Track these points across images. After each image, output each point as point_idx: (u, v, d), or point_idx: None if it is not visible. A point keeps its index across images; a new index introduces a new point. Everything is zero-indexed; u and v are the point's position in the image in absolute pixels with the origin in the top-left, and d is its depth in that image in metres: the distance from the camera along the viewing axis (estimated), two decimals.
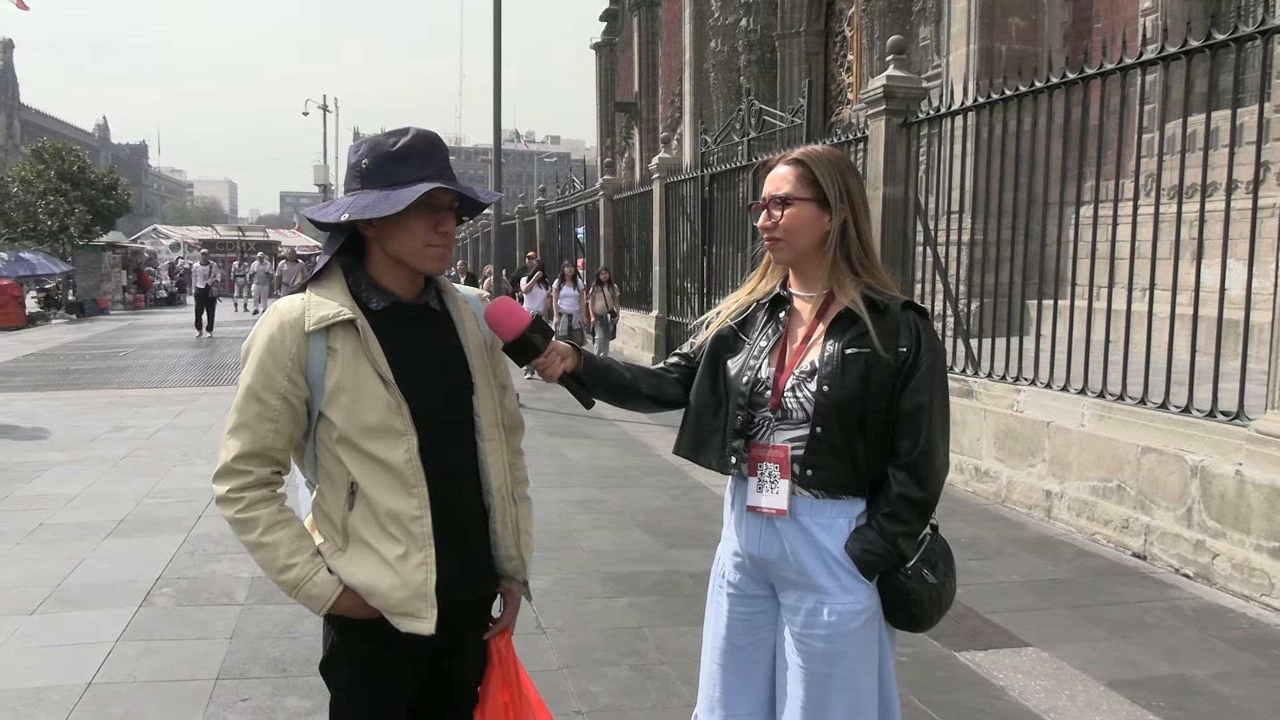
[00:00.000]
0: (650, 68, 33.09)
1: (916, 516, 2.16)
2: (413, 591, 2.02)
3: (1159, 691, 4.01)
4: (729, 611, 2.34)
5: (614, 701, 3.87)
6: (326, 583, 2.02)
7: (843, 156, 2.32)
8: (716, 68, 24.96)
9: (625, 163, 36.23)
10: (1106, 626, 4.75)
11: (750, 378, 2.26)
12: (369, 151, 2.05)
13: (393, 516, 2.02)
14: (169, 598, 5.01)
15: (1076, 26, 12.40)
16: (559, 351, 2.23)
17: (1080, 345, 6.59)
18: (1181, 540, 5.59)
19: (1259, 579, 5.08)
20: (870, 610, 2.18)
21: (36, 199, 32.16)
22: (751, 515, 2.26)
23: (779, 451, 2.20)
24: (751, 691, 2.33)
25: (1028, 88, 7.01)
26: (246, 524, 2.00)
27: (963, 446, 7.54)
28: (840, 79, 20.96)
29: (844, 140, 9.58)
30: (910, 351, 2.16)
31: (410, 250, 2.05)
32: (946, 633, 4.54)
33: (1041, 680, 4.12)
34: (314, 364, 2.00)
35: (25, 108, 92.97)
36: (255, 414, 2.00)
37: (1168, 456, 5.73)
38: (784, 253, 2.27)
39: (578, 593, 5.16)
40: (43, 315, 28.31)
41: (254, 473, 2.01)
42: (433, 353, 2.13)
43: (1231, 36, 5.49)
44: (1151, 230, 6.12)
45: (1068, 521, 6.49)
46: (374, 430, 2.00)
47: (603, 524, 6.54)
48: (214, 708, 3.78)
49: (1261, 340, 5.63)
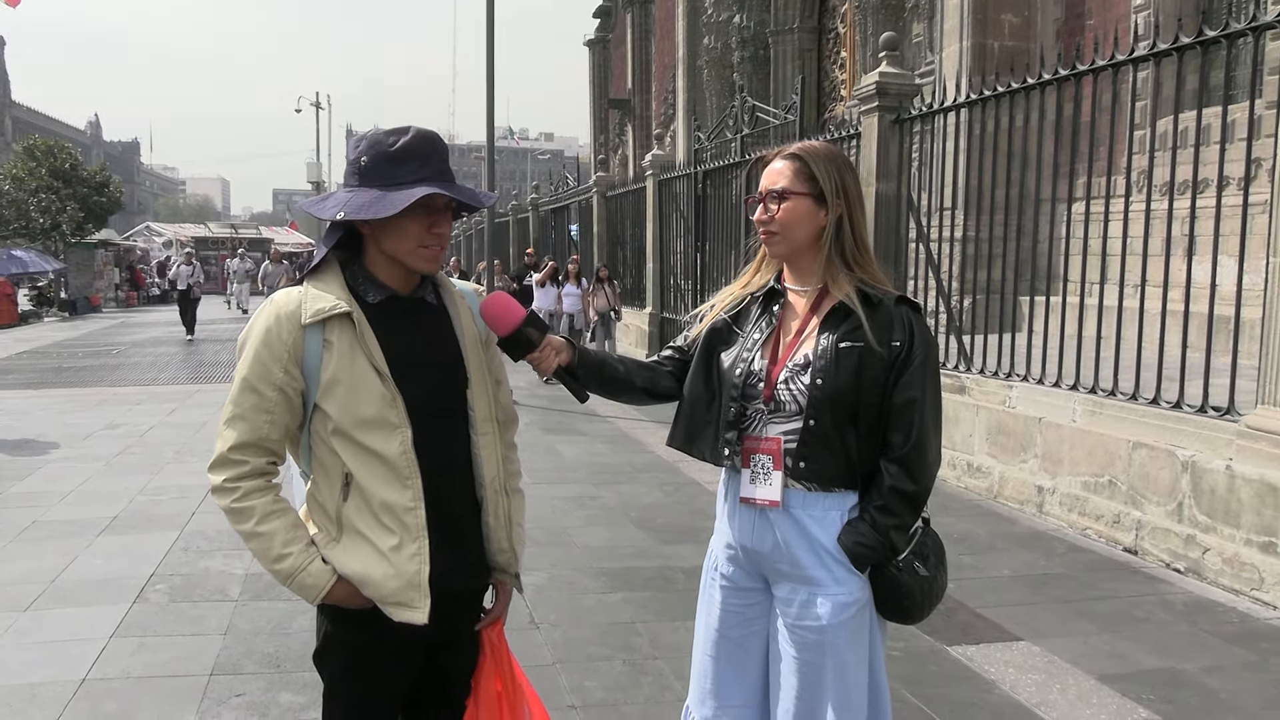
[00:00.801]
0: (644, 64, 33.04)
1: (908, 509, 2.18)
2: (406, 582, 2.03)
3: (1149, 685, 4.03)
4: (722, 603, 2.36)
5: (607, 696, 3.88)
6: (320, 572, 2.03)
7: (840, 153, 2.33)
8: (710, 64, 24.93)
9: (619, 159, 36.20)
10: (1097, 621, 4.77)
11: (743, 370, 2.27)
12: (368, 149, 2.05)
13: (387, 508, 2.03)
14: (163, 594, 5.01)
15: (1069, 23, 12.41)
16: (553, 346, 2.25)
17: (1072, 341, 6.61)
18: (1172, 535, 5.61)
19: (1249, 573, 5.11)
20: (862, 602, 2.19)
21: (28, 196, 32.07)
22: (745, 507, 2.27)
23: (772, 443, 2.21)
24: (744, 683, 2.34)
25: (1020, 84, 7.03)
26: (242, 513, 2.02)
27: (955, 442, 7.57)
28: (834, 75, 20.97)
29: (837, 137, 9.59)
30: (903, 346, 2.17)
31: (404, 250, 2.06)
32: (939, 627, 4.56)
33: (1033, 674, 4.14)
34: (310, 356, 2.02)
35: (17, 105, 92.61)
36: (251, 405, 2.01)
37: (1159, 452, 5.76)
38: (779, 247, 2.29)
39: (571, 588, 5.17)
40: (35, 313, 28.25)
41: (250, 463, 2.02)
42: (428, 347, 2.14)
43: (1223, 33, 5.51)
44: (1143, 227, 6.14)
45: (1059, 517, 6.52)
46: (369, 423, 2.02)
47: (596, 520, 6.55)
48: (208, 703, 3.78)
49: (1252, 336, 5.65)
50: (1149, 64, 6.20)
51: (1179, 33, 5.82)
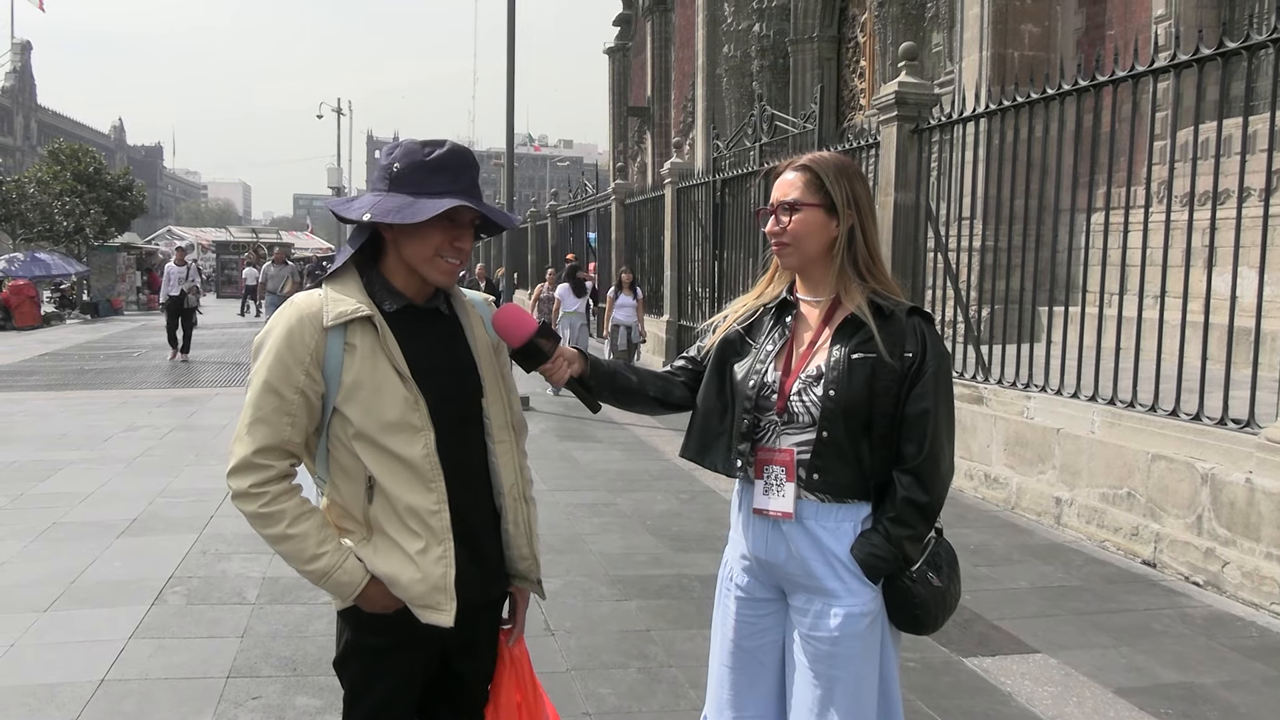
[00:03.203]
0: (663, 73, 33.12)
1: (922, 520, 2.18)
2: (433, 585, 2.04)
3: (1167, 699, 4.00)
4: (736, 614, 2.36)
5: (621, 704, 3.89)
6: (355, 569, 2.04)
7: (850, 163, 2.33)
8: (729, 73, 24.97)
9: (637, 167, 36.27)
10: (1115, 634, 4.74)
11: (756, 381, 2.28)
12: (402, 156, 2.06)
13: (412, 511, 2.04)
14: (181, 596, 5.05)
15: (1089, 33, 12.38)
16: (566, 356, 2.25)
17: (1091, 352, 6.58)
18: (1191, 548, 5.57)
19: (1269, 587, 5.07)
20: (875, 613, 2.19)
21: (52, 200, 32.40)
22: (758, 518, 2.27)
23: (785, 455, 2.22)
24: (759, 693, 2.35)
25: (1040, 94, 7.01)
26: (272, 518, 2.01)
27: (973, 453, 7.54)
28: (853, 85, 20.96)
29: (856, 146, 9.58)
30: (916, 357, 2.17)
31: (422, 258, 2.07)
32: (954, 638, 4.55)
33: (1049, 687, 4.12)
34: (331, 359, 2.02)
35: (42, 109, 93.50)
36: (273, 408, 2.01)
37: (1178, 464, 5.72)
38: (791, 258, 2.29)
39: (586, 595, 5.18)
40: (57, 315, 28.47)
41: (274, 466, 2.02)
42: (443, 354, 2.15)
43: (1244, 44, 5.49)
44: (1163, 237, 6.11)
45: (1077, 528, 6.48)
46: (392, 426, 2.03)
47: (612, 527, 6.56)
48: (225, 705, 3.81)
49: (1273, 348, 5.62)
50: (1169, 75, 6.17)
51: (1199, 44, 5.80)
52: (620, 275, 14.95)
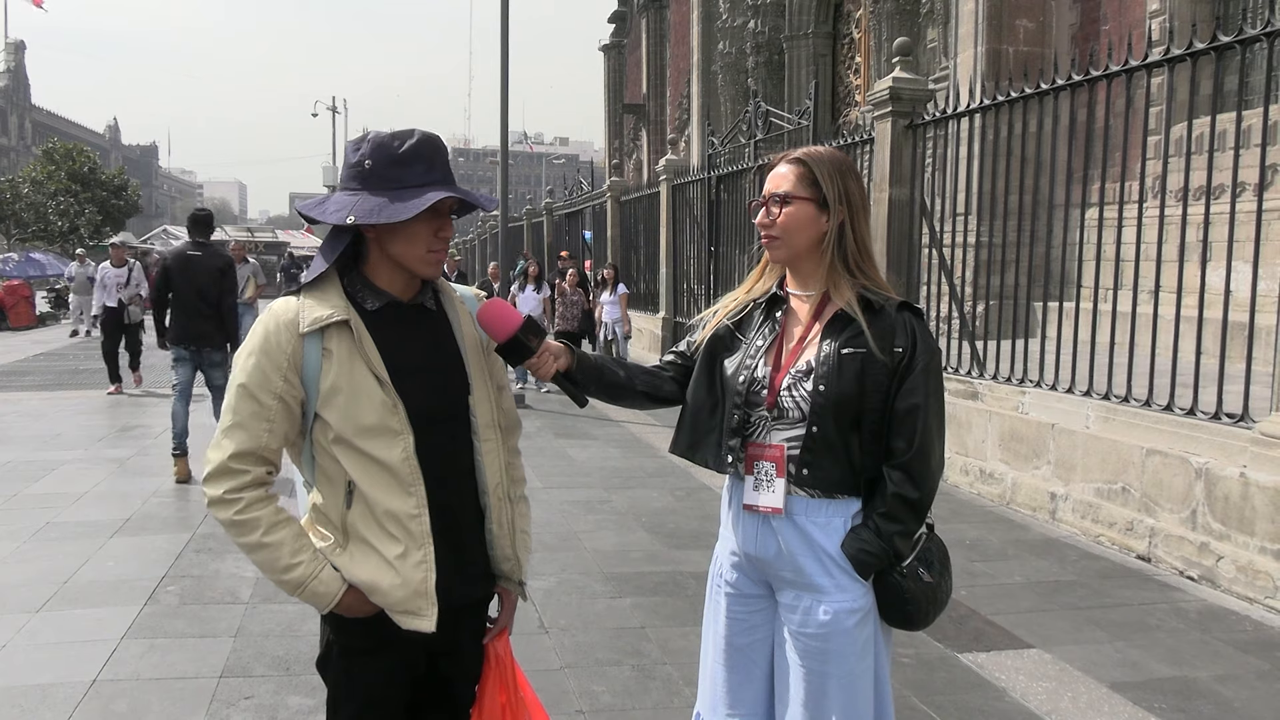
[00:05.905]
0: (658, 70, 33.10)
1: (912, 516, 2.17)
2: (413, 590, 2.02)
3: (1161, 694, 4.00)
4: (727, 611, 2.35)
5: (615, 701, 3.88)
6: (331, 579, 2.02)
7: (844, 158, 2.32)
8: (724, 70, 24.95)
9: (633, 164, 36.26)
10: (1109, 628, 4.74)
11: (747, 377, 2.26)
12: (372, 152, 2.02)
13: (391, 516, 2.02)
14: (174, 596, 5.04)
15: (1084, 28, 12.37)
16: (552, 351, 2.24)
17: (1086, 347, 6.58)
18: (1185, 543, 5.57)
19: (1263, 581, 5.07)
20: (866, 609, 2.18)
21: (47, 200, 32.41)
22: (748, 514, 2.26)
23: (775, 450, 2.21)
24: (751, 690, 2.34)
25: (1034, 90, 7.01)
26: (246, 525, 1.98)
27: (967, 448, 7.54)
28: (848, 81, 20.93)
29: (851, 142, 9.58)
30: (906, 352, 2.16)
31: (412, 255, 2.05)
32: (949, 634, 4.54)
33: (1044, 682, 4.11)
34: (309, 365, 2.00)
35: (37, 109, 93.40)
36: (250, 413, 1.99)
37: (1172, 459, 5.72)
38: (780, 251, 2.28)
39: (581, 593, 5.17)
40: (52, 315, 28.41)
41: (250, 472, 2.00)
42: (428, 353, 2.13)
43: (1237, 39, 5.48)
44: (1157, 232, 6.11)
45: (1072, 523, 6.48)
46: (370, 430, 2.00)
47: (607, 524, 6.55)
48: (217, 705, 3.80)
49: (1267, 343, 5.62)
50: (1163, 69, 6.17)
51: (1193, 38, 5.80)
52: (603, 272, 14.89)
